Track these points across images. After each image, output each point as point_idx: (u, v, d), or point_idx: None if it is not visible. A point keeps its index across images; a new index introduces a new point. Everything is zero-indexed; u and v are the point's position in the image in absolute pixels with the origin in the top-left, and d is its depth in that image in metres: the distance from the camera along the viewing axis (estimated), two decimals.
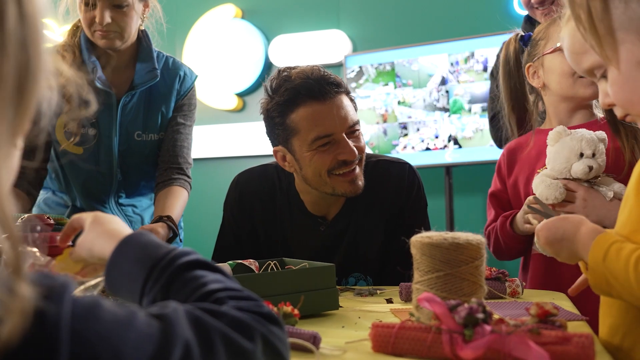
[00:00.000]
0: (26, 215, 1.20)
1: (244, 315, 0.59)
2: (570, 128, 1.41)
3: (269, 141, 1.56)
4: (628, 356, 0.89)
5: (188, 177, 1.83)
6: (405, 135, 3.27)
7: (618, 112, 0.90)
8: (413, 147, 3.25)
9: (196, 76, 1.90)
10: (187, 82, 1.87)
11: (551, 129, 1.42)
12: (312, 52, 3.56)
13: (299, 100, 1.41)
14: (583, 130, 1.39)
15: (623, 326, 0.91)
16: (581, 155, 1.36)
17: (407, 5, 3.49)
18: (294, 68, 1.47)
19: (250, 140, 3.68)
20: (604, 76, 0.89)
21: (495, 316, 0.85)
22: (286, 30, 3.68)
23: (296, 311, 0.93)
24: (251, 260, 1.27)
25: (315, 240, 1.56)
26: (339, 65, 3.51)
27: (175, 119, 1.84)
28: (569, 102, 1.48)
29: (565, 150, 1.37)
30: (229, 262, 1.25)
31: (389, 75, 3.32)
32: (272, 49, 3.67)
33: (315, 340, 0.86)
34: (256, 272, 1.25)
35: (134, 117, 1.78)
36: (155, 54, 1.80)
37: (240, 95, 3.79)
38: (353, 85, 3.40)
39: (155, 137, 1.82)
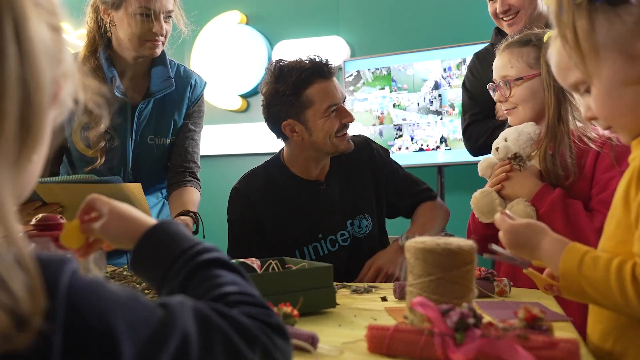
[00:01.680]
0: (40, 216, 1.19)
1: (251, 323, 0.58)
2: None
3: (273, 122, 1.71)
4: None
5: (198, 180, 1.87)
6: (400, 136, 3.26)
7: (600, 125, 0.89)
8: (407, 148, 3.24)
9: (205, 83, 1.90)
10: (198, 89, 1.87)
11: None
12: (322, 55, 3.53)
13: (312, 78, 1.66)
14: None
15: (614, 331, 0.89)
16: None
17: (403, 14, 3.47)
18: (293, 59, 1.71)
19: (253, 139, 3.66)
20: (587, 91, 0.88)
21: (485, 318, 0.84)
22: (288, 36, 3.66)
23: (295, 311, 0.91)
24: (253, 259, 1.25)
25: (318, 200, 1.74)
26: (338, 70, 3.49)
27: (187, 126, 1.84)
28: None
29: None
30: (233, 261, 1.24)
31: (385, 79, 3.30)
32: (275, 53, 3.64)
33: (313, 340, 0.85)
34: (258, 270, 1.23)
35: (148, 122, 1.77)
36: (169, 63, 1.80)
37: (245, 96, 3.77)
38: (351, 88, 3.38)
39: (167, 141, 1.81)
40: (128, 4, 1.61)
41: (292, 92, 1.65)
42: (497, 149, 1.46)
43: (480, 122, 2.11)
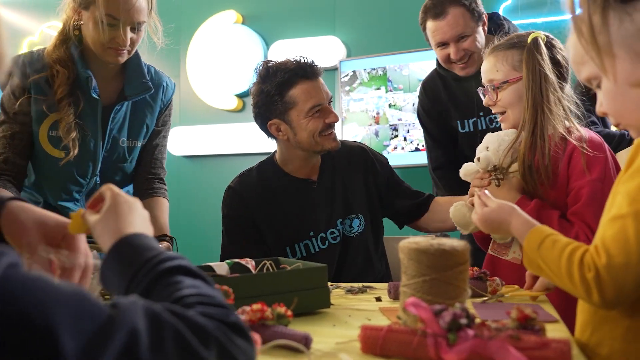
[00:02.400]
0: None
1: (206, 321, 0.57)
2: None
3: (261, 121, 1.75)
4: (594, 352, 0.91)
5: (165, 185, 1.87)
6: (396, 136, 3.26)
7: (611, 121, 0.90)
8: (403, 148, 3.24)
9: (174, 85, 1.86)
10: (169, 92, 1.84)
11: None
12: (309, 56, 3.52)
13: (296, 79, 1.68)
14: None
15: (591, 323, 0.93)
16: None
17: (399, 14, 3.47)
18: (280, 60, 1.74)
19: (249, 139, 3.65)
20: (600, 86, 0.88)
21: (478, 320, 0.84)
22: (284, 36, 3.65)
23: (289, 312, 0.91)
24: (248, 259, 1.25)
25: (310, 198, 1.76)
26: (334, 70, 3.49)
27: (160, 132, 1.83)
28: None
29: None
30: (227, 261, 1.24)
31: (381, 79, 3.30)
32: (271, 53, 3.64)
33: (307, 341, 0.85)
34: (253, 270, 1.23)
35: (122, 124, 1.73)
36: (144, 66, 1.75)
37: (240, 96, 3.76)
38: (347, 88, 3.38)
39: (138, 144, 1.79)
40: (95, 8, 1.55)
41: (276, 92, 1.69)
42: (478, 159, 1.46)
43: (447, 171, 2.05)
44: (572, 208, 1.35)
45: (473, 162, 1.49)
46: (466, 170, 1.51)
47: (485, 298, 1.23)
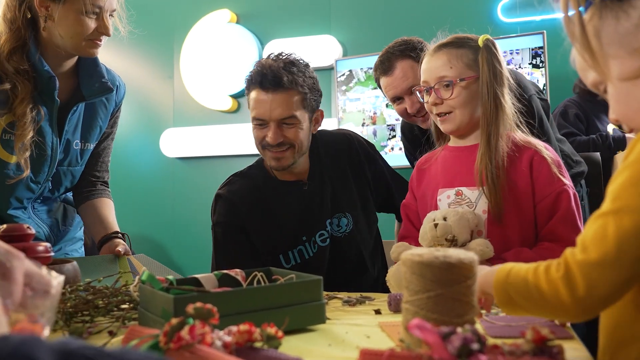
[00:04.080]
0: (5, 226, 1.09)
1: None
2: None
3: None
4: None
5: (109, 188, 1.77)
6: (394, 136, 3.17)
7: (624, 127, 0.82)
8: (400, 149, 3.15)
9: (125, 85, 1.75)
10: (121, 92, 1.72)
11: (457, 146, 1.46)
12: (304, 56, 3.42)
13: (251, 85, 1.60)
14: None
15: (610, 348, 0.86)
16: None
17: (395, 12, 3.39)
18: (279, 54, 1.64)
19: (243, 140, 3.56)
20: (606, 91, 0.81)
21: (489, 340, 0.75)
22: (279, 35, 3.57)
23: (280, 332, 0.82)
24: (237, 270, 1.16)
25: (302, 201, 1.66)
26: (330, 69, 3.40)
27: (109, 135, 1.73)
28: None
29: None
30: (215, 272, 1.15)
31: None
32: (266, 52, 3.55)
33: None
34: (243, 282, 1.14)
35: (75, 126, 1.61)
36: (101, 64, 1.63)
37: (235, 96, 3.67)
38: (343, 88, 3.29)
39: (91, 146, 1.67)
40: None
41: (246, 90, 1.65)
42: (435, 225, 1.33)
43: None
44: (559, 214, 1.32)
45: (403, 244, 1.39)
46: (398, 255, 1.36)
47: (491, 311, 1.14)
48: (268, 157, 1.62)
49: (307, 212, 1.65)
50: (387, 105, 3.18)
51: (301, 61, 1.65)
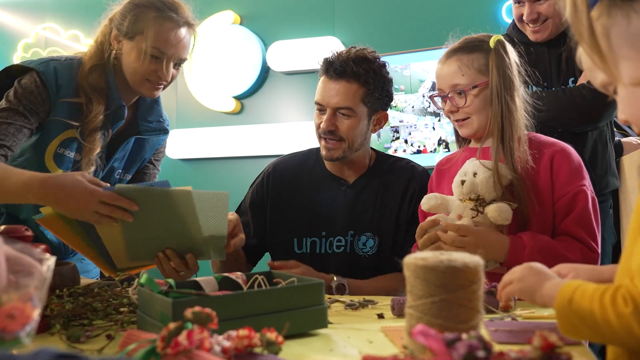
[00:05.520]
0: (3, 227, 1.07)
1: None
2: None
3: None
4: None
5: None
6: (397, 138, 3.15)
7: (634, 128, 0.80)
8: (404, 150, 3.13)
9: (168, 119, 1.78)
10: (168, 128, 1.77)
11: (477, 148, 1.43)
12: (308, 57, 3.42)
13: (321, 71, 1.63)
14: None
15: (619, 355, 0.82)
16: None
17: (399, 14, 3.37)
18: (355, 47, 1.66)
19: (247, 142, 3.54)
20: (616, 92, 0.79)
21: (495, 347, 0.73)
22: (283, 37, 3.55)
23: (280, 338, 0.80)
24: (238, 273, 1.14)
25: (336, 198, 1.66)
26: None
27: (151, 164, 1.75)
28: None
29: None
30: (215, 275, 1.13)
31: None
32: (269, 54, 3.53)
33: None
34: (243, 285, 1.12)
35: (123, 157, 1.64)
36: (161, 104, 1.69)
37: (239, 98, 3.65)
38: None
39: (129, 177, 1.70)
40: (142, 39, 1.48)
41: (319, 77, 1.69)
42: (462, 182, 1.33)
43: None
44: (572, 216, 1.32)
45: (435, 195, 1.37)
46: (430, 206, 1.36)
47: (497, 315, 1.12)
48: (321, 146, 1.64)
49: (334, 210, 1.65)
50: (390, 107, 3.16)
51: (376, 59, 1.64)
